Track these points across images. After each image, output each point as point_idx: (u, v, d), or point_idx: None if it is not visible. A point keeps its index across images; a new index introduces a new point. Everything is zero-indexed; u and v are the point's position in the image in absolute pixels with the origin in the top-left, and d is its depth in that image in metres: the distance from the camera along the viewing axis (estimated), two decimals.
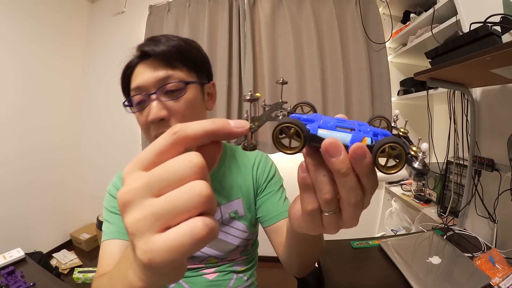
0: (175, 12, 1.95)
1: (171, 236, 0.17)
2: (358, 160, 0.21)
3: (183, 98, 0.52)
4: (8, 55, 1.80)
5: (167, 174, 0.18)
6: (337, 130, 0.22)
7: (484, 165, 0.99)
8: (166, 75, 0.51)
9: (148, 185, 0.18)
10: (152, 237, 0.17)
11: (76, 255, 2.03)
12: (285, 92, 1.78)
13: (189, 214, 0.17)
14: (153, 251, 0.17)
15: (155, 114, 0.50)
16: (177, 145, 0.19)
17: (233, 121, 0.21)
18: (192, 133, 0.19)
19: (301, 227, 0.29)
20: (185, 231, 0.17)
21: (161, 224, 0.17)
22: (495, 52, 0.60)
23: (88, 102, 2.34)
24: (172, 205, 0.17)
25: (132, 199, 0.18)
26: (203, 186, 0.18)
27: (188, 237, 0.17)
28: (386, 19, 1.75)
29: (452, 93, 1.17)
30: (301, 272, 0.59)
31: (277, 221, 0.62)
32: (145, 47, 0.52)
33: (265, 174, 0.66)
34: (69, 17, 2.20)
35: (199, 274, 0.63)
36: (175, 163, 0.18)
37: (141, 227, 0.18)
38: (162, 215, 0.17)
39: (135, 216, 0.18)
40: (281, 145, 0.23)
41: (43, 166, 2.03)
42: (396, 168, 0.22)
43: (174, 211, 0.17)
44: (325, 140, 0.21)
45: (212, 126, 0.20)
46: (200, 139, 0.20)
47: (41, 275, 0.81)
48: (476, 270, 0.73)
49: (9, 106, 1.82)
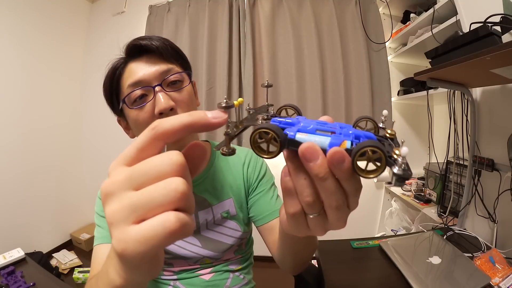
0: (175, 12, 1.95)
1: (143, 227, 0.18)
2: (337, 165, 0.20)
3: (185, 89, 0.54)
4: (8, 55, 1.80)
5: (147, 170, 0.19)
6: (317, 133, 0.22)
7: (484, 165, 0.99)
8: (168, 68, 0.53)
9: (129, 179, 0.19)
10: (127, 228, 0.18)
11: (76, 255, 2.03)
12: (285, 93, 1.79)
13: (164, 208, 0.18)
14: (127, 241, 0.18)
15: (166, 103, 0.50)
16: (157, 139, 0.20)
17: (210, 112, 0.21)
18: (170, 127, 0.20)
19: (287, 229, 0.29)
20: (157, 223, 0.17)
21: (137, 216, 0.18)
22: (495, 52, 0.60)
23: (88, 102, 2.34)
24: (148, 198, 0.18)
25: (113, 190, 0.19)
26: (180, 182, 0.18)
27: (160, 229, 0.17)
28: (386, 19, 1.75)
29: (452, 93, 1.17)
30: (296, 270, 0.59)
31: (269, 220, 0.62)
32: (143, 41, 0.53)
33: (256, 173, 0.67)
34: (69, 17, 2.20)
35: (195, 275, 0.63)
36: (155, 160, 0.19)
37: (118, 217, 0.18)
38: (138, 207, 0.18)
39: (114, 207, 0.19)
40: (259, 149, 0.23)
41: (43, 166, 2.03)
42: (376, 173, 0.20)
43: (150, 204, 0.18)
44: (302, 145, 0.21)
45: (189, 119, 0.20)
46: (179, 132, 0.20)
47: (41, 275, 0.81)
48: (476, 270, 0.73)
49: (9, 106, 1.82)
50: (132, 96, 0.52)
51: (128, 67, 0.54)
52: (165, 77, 0.52)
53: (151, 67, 0.52)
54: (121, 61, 0.55)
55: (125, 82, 0.53)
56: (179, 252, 0.61)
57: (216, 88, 1.85)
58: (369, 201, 1.89)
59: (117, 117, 0.61)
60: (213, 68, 1.86)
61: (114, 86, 0.55)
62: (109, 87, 0.55)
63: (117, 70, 0.55)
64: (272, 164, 0.47)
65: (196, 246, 0.62)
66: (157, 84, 0.51)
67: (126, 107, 0.53)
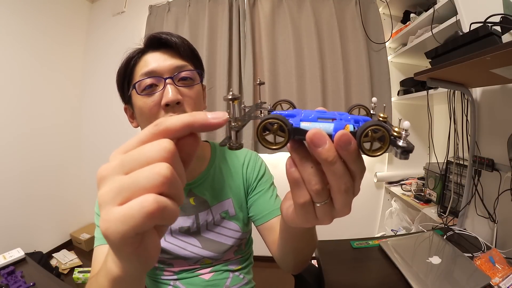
0: (175, 12, 1.95)
1: (124, 207, 0.18)
2: (344, 147, 0.21)
3: (195, 87, 0.56)
4: (8, 55, 1.80)
5: (137, 155, 0.20)
6: (319, 121, 0.23)
7: (484, 165, 0.99)
8: (182, 64, 0.54)
9: (121, 164, 0.20)
10: (112, 208, 0.19)
11: (76, 255, 2.03)
12: (285, 92, 1.80)
13: (147, 191, 0.18)
14: (110, 220, 0.19)
15: (174, 96, 0.51)
16: (158, 135, 0.21)
17: (210, 113, 0.21)
18: (171, 125, 0.21)
19: (295, 222, 0.29)
20: (136, 203, 0.18)
21: (122, 197, 0.19)
22: (495, 52, 0.60)
23: (88, 102, 2.34)
24: (134, 180, 0.19)
25: (106, 174, 0.20)
26: (164, 166, 0.19)
27: (138, 209, 0.18)
28: (386, 19, 1.75)
29: (452, 93, 1.17)
30: (296, 269, 0.59)
31: (269, 219, 0.62)
32: (163, 35, 0.55)
33: (255, 173, 0.67)
34: (69, 17, 2.20)
35: (195, 275, 0.63)
36: (146, 147, 0.20)
37: (106, 199, 0.19)
38: (124, 189, 0.19)
39: (104, 189, 0.20)
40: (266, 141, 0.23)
41: (43, 166, 2.03)
42: (381, 150, 0.22)
43: (134, 187, 0.19)
44: (309, 131, 0.21)
45: (190, 119, 0.21)
46: (179, 131, 0.21)
47: (41, 275, 0.81)
48: (476, 270, 0.73)
49: (9, 106, 1.82)
50: (142, 84, 0.53)
51: (144, 58, 0.55)
52: (178, 72, 0.53)
53: (166, 60, 0.54)
54: (138, 51, 0.56)
55: (139, 71, 0.54)
56: (180, 253, 0.61)
57: (216, 88, 1.85)
58: (369, 201, 1.89)
59: (124, 105, 0.62)
60: (213, 68, 1.86)
61: (127, 74, 0.56)
62: (123, 73, 0.57)
63: (132, 59, 0.56)
64: (272, 164, 0.48)
65: (196, 247, 0.62)
66: (168, 77, 0.52)
67: (135, 94, 0.54)
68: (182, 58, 0.56)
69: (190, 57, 0.57)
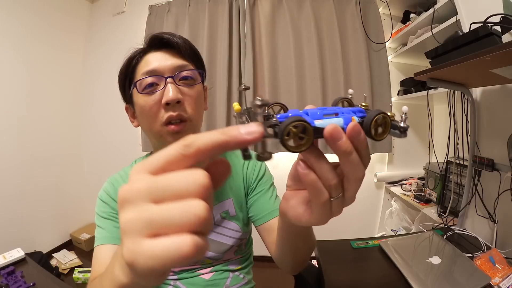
0: (175, 12, 1.95)
1: (158, 245, 0.17)
2: (356, 136, 0.23)
3: (196, 87, 0.56)
4: (8, 56, 1.80)
5: (170, 185, 0.18)
6: (325, 118, 0.25)
7: (484, 165, 0.99)
8: (183, 64, 0.55)
9: (149, 190, 0.18)
10: (140, 240, 0.18)
11: (76, 255, 2.03)
12: (285, 92, 1.79)
13: (181, 229, 0.17)
14: (138, 253, 0.18)
15: (174, 95, 0.51)
16: (189, 158, 0.19)
17: (244, 128, 0.20)
18: (203, 146, 0.19)
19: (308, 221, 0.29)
20: (172, 244, 0.17)
21: (152, 230, 0.18)
22: (495, 52, 0.60)
23: (88, 102, 2.34)
24: (167, 216, 0.17)
25: (132, 198, 0.18)
26: (202, 207, 0.18)
27: (174, 251, 0.17)
28: (386, 19, 1.75)
29: (452, 93, 1.17)
30: (295, 269, 0.59)
31: (269, 219, 0.62)
32: (165, 35, 0.55)
33: (255, 173, 0.67)
34: (69, 17, 2.20)
35: (195, 274, 0.63)
36: (181, 177, 0.18)
37: (132, 227, 0.18)
38: (155, 222, 0.18)
39: (130, 215, 0.18)
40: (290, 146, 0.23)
41: (43, 166, 2.03)
42: (385, 134, 0.26)
43: (167, 223, 0.17)
44: (327, 128, 0.22)
45: (223, 137, 0.19)
46: (211, 152, 0.19)
47: (41, 275, 0.81)
48: (476, 270, 0.73)
49: (10, 107, 1.82)
50: (143, 82, 0.53)
51: (145, 57, 0.56)
52: (179, 72, 0.54)
53: (167, 60, 0.54)
54: (140, 51, 0.57)
55: (140, 70, 0.55)
56: None
57: (216, 88, 1.85)
58: (369, 201, 1.89)
59: (125, 105, 0.63)
60: (213, 68, 1.86)
61: (129, 73, 0.57)
62: (125, 73, 0.57)
63: (134, 58, 0.56)
64: (272, 164, 0.47)
65: None
66: (169, 76, 0.53)
67: (136, 93, 0.55)
68: (184, 58, 0.56)
69: (191, 57, 0.58)
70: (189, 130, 0.54)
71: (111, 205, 0.59)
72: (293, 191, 0.32)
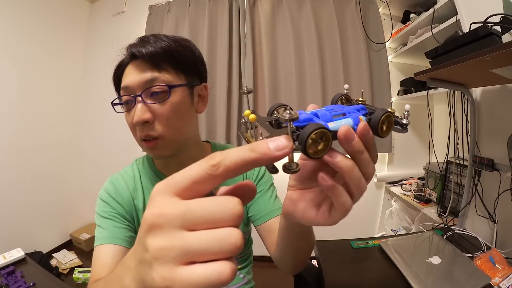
0: (175, 12, 1.95)
1: (197, 272, 0.17)
2: (366, 135, 0.25)
3: (168, 101, 0.52)
4: (7, 55, 1.80)
5: (205, 213, 0.18)
6: (335, 119, 0.26)
7: (484, 165, 0.99)
8: (152, 78, 0.51)
9: (183, 217, 0.18)
10: (175, 268, 0.17)
11: (76, 255, 2.03)
12: (285, 92, 1.79)
13: (217, 257, 0.17)
14: (174, 281, 0.17)
15: (139, 116, 0.50)
16: (217, 178, 0.19)
17: (272, 143, 0.19)
18: (232, 165, 0.19)
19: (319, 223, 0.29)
20: (212, 273, 0.17)
21: (188, 258, 0.17)
22: (495, 52, 0.60)
23: (88, 102, 2.34)
24: (205, 246, 0.17)
25: (163, 225, 0.18)
26: (239, 236, 0.18)
27: (214, 279, 0.17)
28: (386, 19, 1.75)
29: (452, 93, 1.17)
30: (295, 269, 0.59)
31: (268, 219, 0.62)
32: (132, 48, 0.53)
33: (255, 173, 0.67)
34: (69, 17, 2.20)
35: None
36: (215, 204, 0.18)
37: (166, 255, 0.18)
38: (191, 251, 0.17)
39: (162, 243, 0.18)
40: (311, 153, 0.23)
41: (43, 165, 2.03)
42: (389, 130, 0.28)
43: (205, 252, 0.17)
44: (341, 130, 0.23)
45: (252, 155, 0.19)
46: (240, 171, 0.19)
47: (41, 275, 0.81)
48: (476, 270, 0.73)
49: (9, 106, 1.82)
50: (123, 99, 0.54)
51: (127, 68, 0.55)
52: (147, 88, 0.51)
53: (137, 74, 0.52)
54: (126, 60, 0.56)
55: (122, 82, 0.55)
56: None
57: (216, 88, 1.85)
58: (369, 201, 1.89)
59: None
60: (213, 68, 1.86)
61: (117, 83, 0.58)
62: (116, 80, 0.58)
63: (120, 67, 0.56)
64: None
65: None
66: (139, 94, 0.51)
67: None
68: (156, 69, 0.52)
69: (169, 63, 0.53)
70: (164, 146, 0.53)
71: (111, 205, 0.59)
72: (298, 191, 0.32)
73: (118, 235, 0.56)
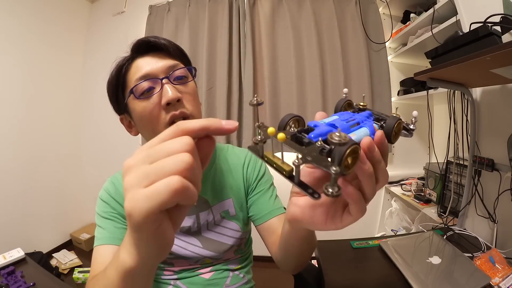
0: (175, 12, 1.95)
1: (151, 187, 0.21)
2: (382, 144, 0.26)
3: (190, 84, 0.57)
4: (8, 55, 1.80)
5: (162, 148, 0.23)
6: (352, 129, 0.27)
7: (484, 165, 0.99)
8: (174, 64, 0.55)
9: (147, 155, 0.23)
10: (138, 190, 0.22)
11: (76, 255, 2.03)
12: (285, 93, 1.79)
13: (171, 174, 0.21)
14: (136, 199, 0.21)
15: (174, 94, 0.51)
16: (178, 134, 0.24)
17: (224, 121, 0.25)
18: (191, 127, 0.24)
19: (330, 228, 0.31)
20: (163, 183, 0.21)
21: (148, 181, 0.21)
22: (495, 52, 0.60)
23: (88, 102, 2.34)
24: (160, 167, 0.22)
25: (133, 164, 0.23)
26: (187, 155, 0.22)
27: (164, 187, 0.21)
28: (386, 19, 1.75)
29: (452, 93, 1.17)
30: (296, 269, 0.60)
31: (268, 219, 0.62)
32: (151, 39, 0.55)
33: (255, 173, 0.67)
34: (69, 17, 2.20)
35: (195, 274, 0.63)
36: (170, 141, 0.23)
37: (132, 183, 0.22)
38: (150, 174, 0.22)
39: (131, 176, 0.23)
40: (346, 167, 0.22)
41: (43, 166, 2.03)
42: (398, 136, 0.29)
43: (160, 171, 0.21)
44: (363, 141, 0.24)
45: (207, 123, 0.25)
46: (197, 132, 0.25)
47: (41, 275, 0.81)
48: (476, 270, 0.73)
49: (9, 107, 1.82)
50: (139, 88, 0.52)
51: (134, 63, 0.54)
52: (172, 71, 0.54)
53: (158, 62, 0.54)
54: (128, 58, 0.56)
55: (132, 77, 0.53)
56: (180, 253, 0.61)
57: (216, 88, 1.85)
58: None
59: (120, 116, 0.61)
60: (213, 68, 1.86)
61: (120, 82, 0.55)
62: (115, 83, 0.56)
63: (123, 67, 0.55)
64: None
65: (197, 247, 0.62)
66: (164, 77, 0.52)
67: (132, 100, 0.53)
68: (173, 58, 0.56)
69: (179, 57, 0.58)
70: None
71: (112, 205, 0.59)
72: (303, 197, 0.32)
73: (118, 236, 0.56)
